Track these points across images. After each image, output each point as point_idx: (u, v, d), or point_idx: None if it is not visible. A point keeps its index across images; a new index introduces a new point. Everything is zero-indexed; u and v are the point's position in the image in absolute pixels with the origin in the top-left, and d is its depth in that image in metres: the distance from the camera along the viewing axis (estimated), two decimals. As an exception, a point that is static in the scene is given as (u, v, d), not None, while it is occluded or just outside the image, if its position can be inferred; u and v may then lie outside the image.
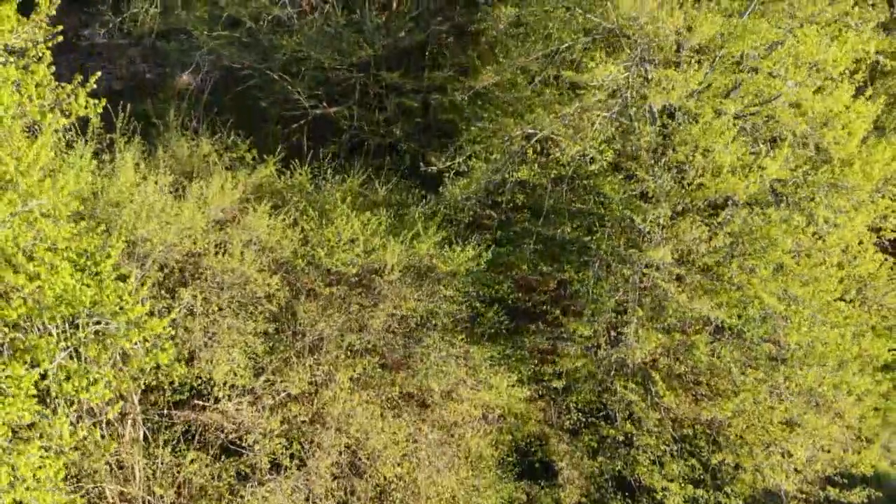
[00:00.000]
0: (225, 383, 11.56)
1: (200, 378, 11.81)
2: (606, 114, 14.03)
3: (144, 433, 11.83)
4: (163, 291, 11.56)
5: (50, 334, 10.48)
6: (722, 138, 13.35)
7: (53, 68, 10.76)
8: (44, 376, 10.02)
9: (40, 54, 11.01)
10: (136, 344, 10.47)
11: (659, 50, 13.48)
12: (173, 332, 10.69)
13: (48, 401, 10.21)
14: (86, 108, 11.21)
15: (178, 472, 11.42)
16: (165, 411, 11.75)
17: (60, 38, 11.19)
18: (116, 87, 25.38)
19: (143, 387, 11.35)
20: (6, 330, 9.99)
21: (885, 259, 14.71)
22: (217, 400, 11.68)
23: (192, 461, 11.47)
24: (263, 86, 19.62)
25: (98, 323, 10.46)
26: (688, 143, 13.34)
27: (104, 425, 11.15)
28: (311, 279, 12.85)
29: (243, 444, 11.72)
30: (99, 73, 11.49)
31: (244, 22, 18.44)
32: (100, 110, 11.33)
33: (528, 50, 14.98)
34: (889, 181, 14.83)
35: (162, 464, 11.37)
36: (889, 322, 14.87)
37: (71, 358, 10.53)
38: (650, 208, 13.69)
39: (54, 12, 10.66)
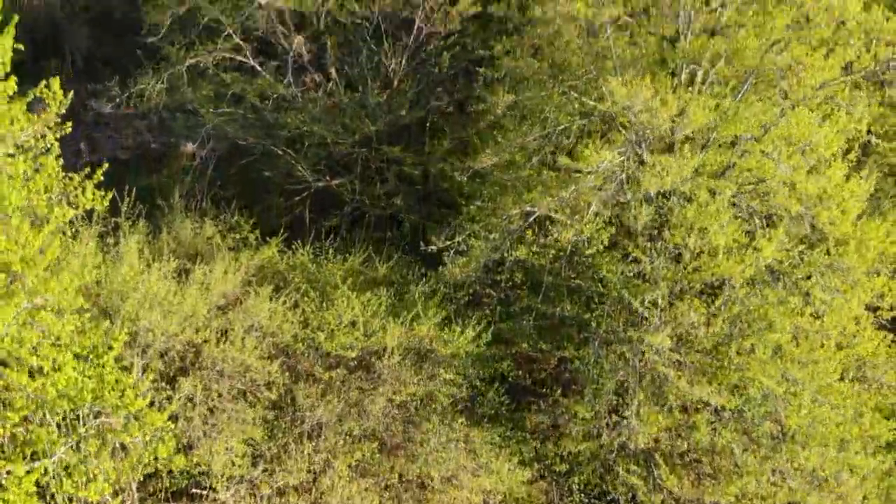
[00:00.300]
0: (223, 474, 11.54)
1: (199, 466, 11.79)
2: (603, 193, 14.26)
3: (142, 523, 11.77)
4: (163, 383, 11.61)
5: (50, 425, 10.52)
6: (717, 219, 13.54)
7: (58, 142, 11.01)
8: (44, 472, 10.03)
9: (48, 146, 11.27)
10: (135, 437, 10.51)
11: (654, 132, 13.77)
12: (173, 426, 10.72)
13: (47, 497, 10.20)
14: (92, 200, 11.48)
15: (176, 565, 11.33)
16: (163, 502, 11.70)
17: (68, 130, 11.48)
18: (122, 156, 25.78)
19: (141, 477, 11.32)
20: (8, 426, 10.04)
21: (884, 336, 14.75)
22: (215, 490, 11.64)
23: (189, 553, 11.38)
24: (267, 159, 19.97)
25: (98, 416, 10.51)
26: (683, 226, 13.53)
27: (102, 518, 11.08)
28: (310, 363, 12.92)
29: (242, 537, 11.66)
30: (106, 165, 11.77)
31: (249, 99, 18.87)
32: (106, 203, 11.58)
33: (524, 133, 15.32)
34: (885, 259, 14.97)
35: (159, 556, 11.28)
36: (890, 400, 14.84)
37: (71, 449, 10.55)
38: (648, 288, 13.82)
39: (64, 111, 10.95)
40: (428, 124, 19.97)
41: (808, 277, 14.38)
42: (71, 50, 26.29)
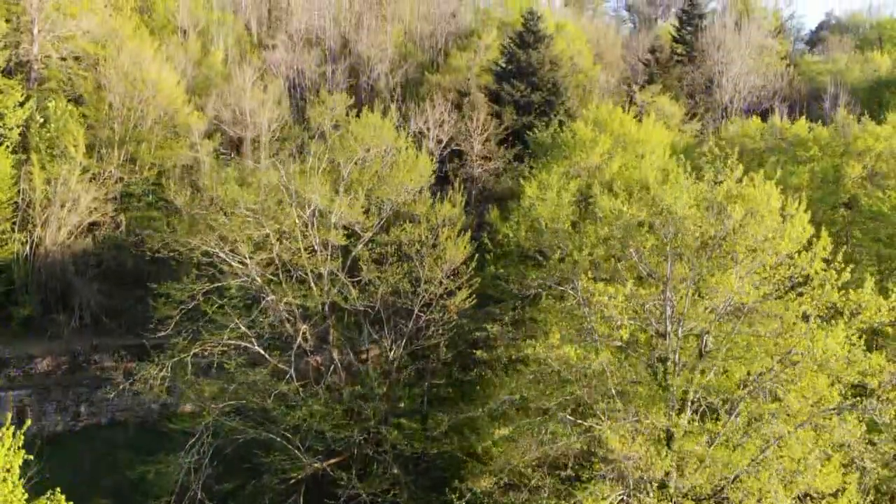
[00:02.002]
0: None
1: None
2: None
3: None
4: None
5: None
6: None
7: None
8: None
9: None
10: None
11: (650, 480, 13.91)
12: None
13: None
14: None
15: None
16: None
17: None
18: (120, 417, 25.70)
19: None
20: None
21: None
22: None
23: None
24: (265, 442, 19.93)
25: None
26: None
27: None
28: None
29: None
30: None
31: (249, 399, 19.08)
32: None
33: (522, 452, 15.46)
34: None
35: None
36: None
37: None
38: None
39: None
40: (426, 406, 20.20)
41: None
42: (80, 304, 26.90)
